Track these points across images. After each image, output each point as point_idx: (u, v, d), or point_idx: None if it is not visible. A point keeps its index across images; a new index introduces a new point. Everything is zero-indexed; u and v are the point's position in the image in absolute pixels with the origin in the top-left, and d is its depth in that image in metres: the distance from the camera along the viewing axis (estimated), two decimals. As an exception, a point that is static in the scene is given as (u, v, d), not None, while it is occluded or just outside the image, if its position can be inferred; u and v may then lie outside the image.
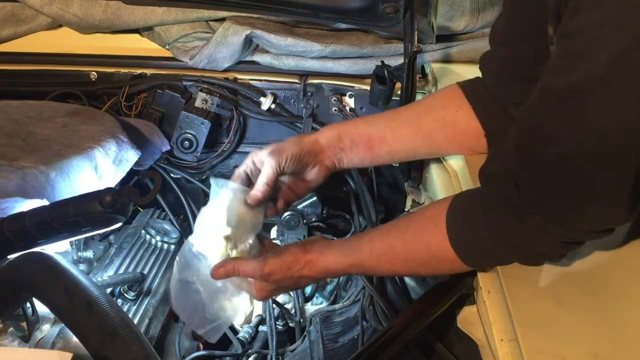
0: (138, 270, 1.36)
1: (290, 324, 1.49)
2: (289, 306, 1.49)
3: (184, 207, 1.63)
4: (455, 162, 1.08)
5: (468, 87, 1.01)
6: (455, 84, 1.03)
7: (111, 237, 1.46)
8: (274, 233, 1.57)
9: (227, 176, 1.68)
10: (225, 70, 1.60)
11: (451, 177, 1.08)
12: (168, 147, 1.56)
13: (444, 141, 1.02)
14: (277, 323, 1.45)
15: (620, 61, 0.57)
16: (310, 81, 1.61)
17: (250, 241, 0.91)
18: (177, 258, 0.92)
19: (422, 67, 1.55)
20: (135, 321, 1.25)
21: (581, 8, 0.59)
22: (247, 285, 0.90)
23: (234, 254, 0.90)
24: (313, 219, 1.52)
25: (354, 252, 0.87)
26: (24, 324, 0.99)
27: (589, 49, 0.59)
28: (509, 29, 0.93)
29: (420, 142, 1.02)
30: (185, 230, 1.60)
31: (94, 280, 1.08)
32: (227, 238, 0.90)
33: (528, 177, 0.69)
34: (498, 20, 0.98)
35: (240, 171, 0.97)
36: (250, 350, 1.43)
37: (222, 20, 1.56)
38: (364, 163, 1.04)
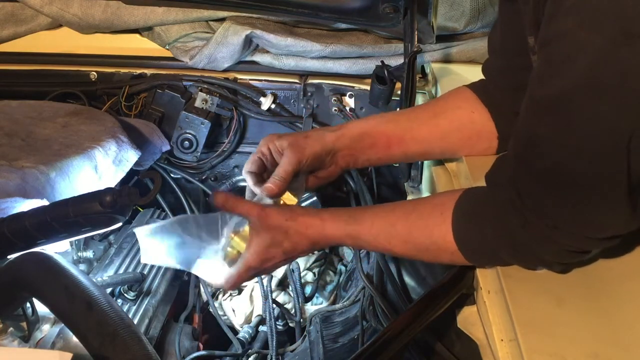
0: (138, 270, 1.36)
1: (290, 324, 1.49)
2: (289, 306, 1.49)
3: (184, 207, 1.63)
4: (455, 162, 1.08)
5: (480, 90, 1.01)
6: (464, 86, 1.03)
7: (111, 237, 1.46)
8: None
9: (227, 176, 1.72)
10: (225, 70, 1.60)
11: (451, 177, 1.08)
12: (168, 147, 1.56)
13: (459, 142, 1.01)
14: (277, 323, 1.45)
15: (600, 64, 0.57)
16: (310, 81, 1.61)
17: None
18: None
19: (422, 67, 1.55)
20: (135, 321, 1.25)
21: (557, 14, 0.60)
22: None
23: None
24: (313, 219, 1.52)
25: (354, 222, 0.85)
26: (24, 324, 0.98)
27: (569, 54, 0.60)
28: (504, 42, 0.94)
29: (435, 143, 1.01)
30: (185, 230, 1.59)
31: (94, 280, 1.08)
32: None
33: (528, 187, 0.69)
34: (493, 30, 0.99)
35: (255, 157, 0.95)
36: (250, 350, 1.43)
37: (222, 20, 1.56)
38: (380, 162, 1.04)
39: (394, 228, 0.83)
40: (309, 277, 1.54)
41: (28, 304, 0.99)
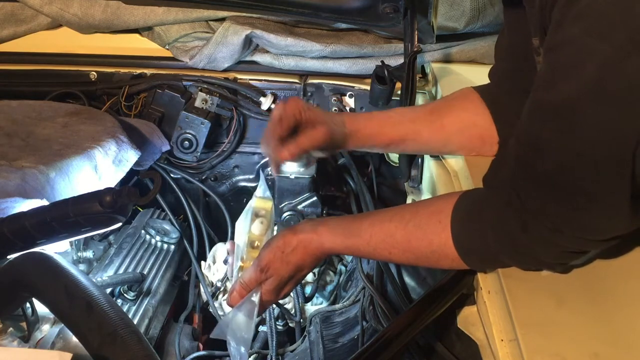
0: (138, 270, 1.36)
1: (290, 324, 1.48)
2: (289, 306, 1.49)
3: (184, 207, 1.62)
4: (456, 162, 1.08)
5: (485, 92, 1.01)
6: (471, 87, 1.04)
7: (111, 237, 1.46)
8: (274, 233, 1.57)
9: (227, 176, 1.71)
10: (225, 70, 1.60)
11: (451, 177, 1.08)
12: (168, 147, 1.56)
13: (459, 143, 1.02)
14: (277, 323, 1.44)
15: (608, 72, 0.57)
16: (310, 81, 1.61)
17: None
18: None
19: (422, 67, 1.55)
20: (135, 321, 1.25)
21: (564, 20, 0.60)
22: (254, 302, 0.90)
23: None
24: (313, 219, 1.52)
25: (352, 236, 0.86)
26: (24, 324, 0.99)
27: (576, 61, 0.60)
28: (510, 46, 0.95)
29: (435, 144, 1.03)
30: (185, 230, 1.60)
31: (94, 280, 1.08)
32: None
33: (529, 189, 0.69)
34: (500, 37, 1.00)
35: (290, 115, 0.92)
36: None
37: (222, 20, 1.56)
38: (373, 151, 1.07)
39: (392, 239, 0.83)
40: (309, 277, 1.53)
41: (28, 304, 0.99)
